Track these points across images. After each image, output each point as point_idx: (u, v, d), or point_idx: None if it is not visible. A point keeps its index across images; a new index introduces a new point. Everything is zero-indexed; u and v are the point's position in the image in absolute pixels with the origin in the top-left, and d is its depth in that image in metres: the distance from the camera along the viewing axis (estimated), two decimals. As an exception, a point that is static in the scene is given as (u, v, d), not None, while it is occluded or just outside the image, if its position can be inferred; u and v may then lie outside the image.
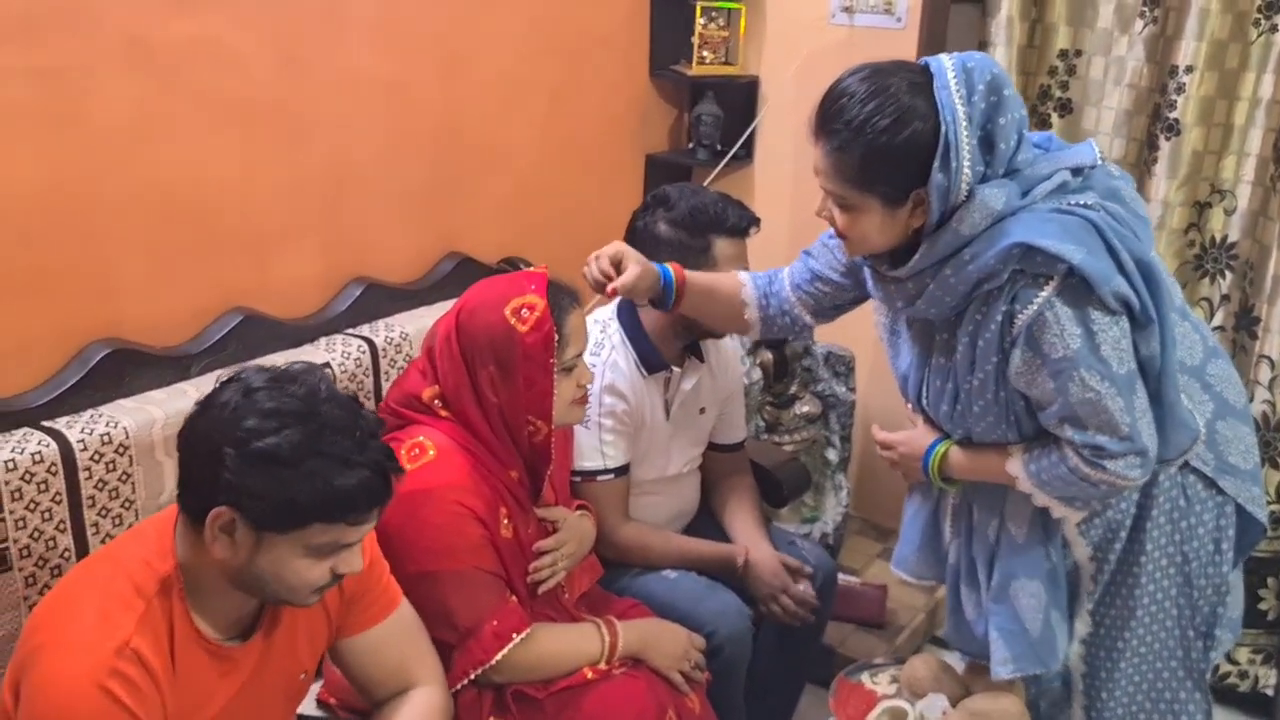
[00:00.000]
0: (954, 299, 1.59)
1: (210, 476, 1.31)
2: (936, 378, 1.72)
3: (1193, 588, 1.77)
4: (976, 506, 1.81)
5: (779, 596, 2.18)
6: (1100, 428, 1.56)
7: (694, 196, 2.19)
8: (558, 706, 1.81)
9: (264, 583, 1.38)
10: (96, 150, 1.91)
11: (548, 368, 1.77)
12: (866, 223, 1.58)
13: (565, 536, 1.93)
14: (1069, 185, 1.57)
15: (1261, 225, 2.47)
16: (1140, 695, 1.81)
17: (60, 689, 1.28)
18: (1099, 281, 1.49)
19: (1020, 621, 1.75)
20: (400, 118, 2.43)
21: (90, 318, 1.94)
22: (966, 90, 1.50)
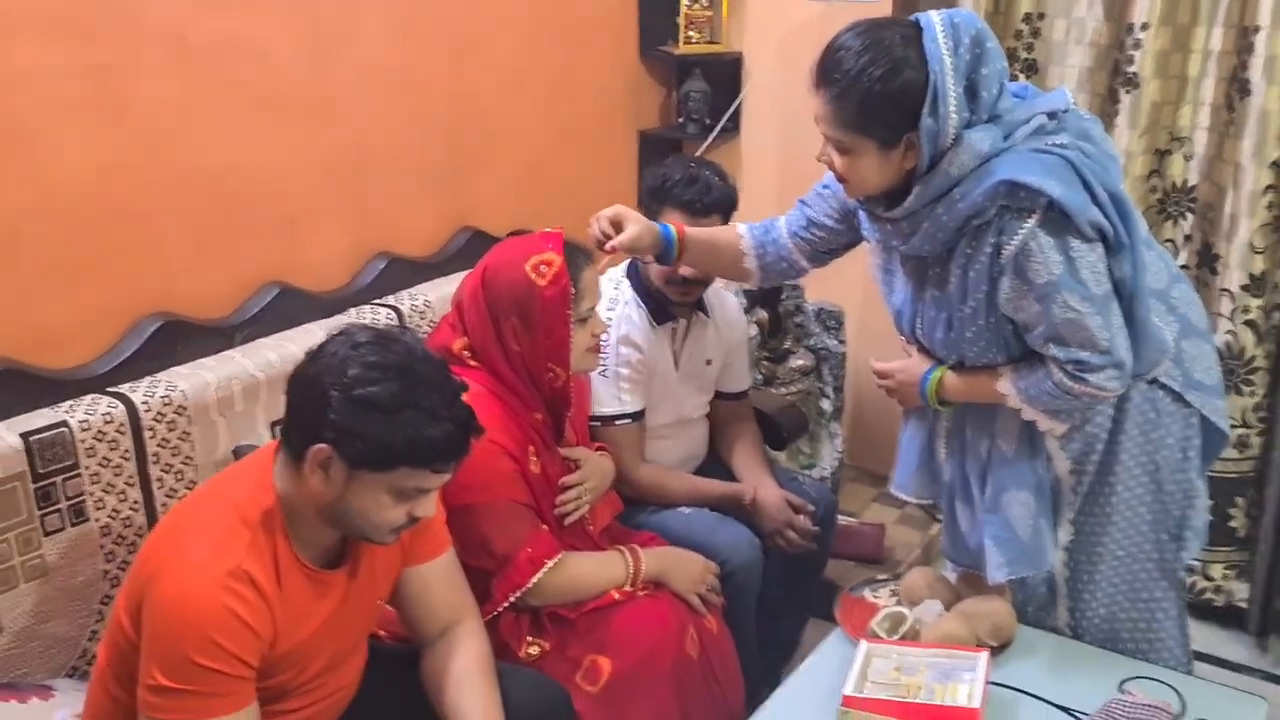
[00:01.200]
0: (946, 235, 1.75)
1: (315, 416, 1.46)
2: (930, 309, 1.88)
3: (1163, 493, 1.93)
4: (969, 427, 1.97)
5: (784, 530, 2.36)
6: (1082, 344, 1.72)
7: (671, 166, 2.34)
8: (589, 625, 1.99)
9: (350, 518, 1.52)
10: (143, 140, 2.08)
11: (565, 319, 1.94)
12: (864, 165, 1.74)
13: (587, 472, 2.11)
14: (1046, 128, 1.73)
15: (1217, 169, 2.65)
16: (1119, 595, 1.99)
17: (186, 604, 1.43)
18: (1076, 212, 1.66)
19: (1012, 529, 1.91)
20: (415, 103, 2.61)
21: (143, 294, 2.12)
22: (953, 43, 1.66)
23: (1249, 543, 2.77)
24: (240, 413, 2.09)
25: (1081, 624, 2.02)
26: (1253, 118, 2.53)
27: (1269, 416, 2.68)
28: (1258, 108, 2.51)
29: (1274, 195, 2.55)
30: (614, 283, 2.36)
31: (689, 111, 3.37)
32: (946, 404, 1.96)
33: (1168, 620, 2.00)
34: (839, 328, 3.23)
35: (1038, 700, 1.84)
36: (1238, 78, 2.56)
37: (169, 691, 1.42)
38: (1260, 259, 2.59)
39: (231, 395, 2.08)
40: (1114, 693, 1.82)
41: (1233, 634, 2.85)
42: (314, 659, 1.60)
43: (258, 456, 1.63)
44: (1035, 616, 2.06)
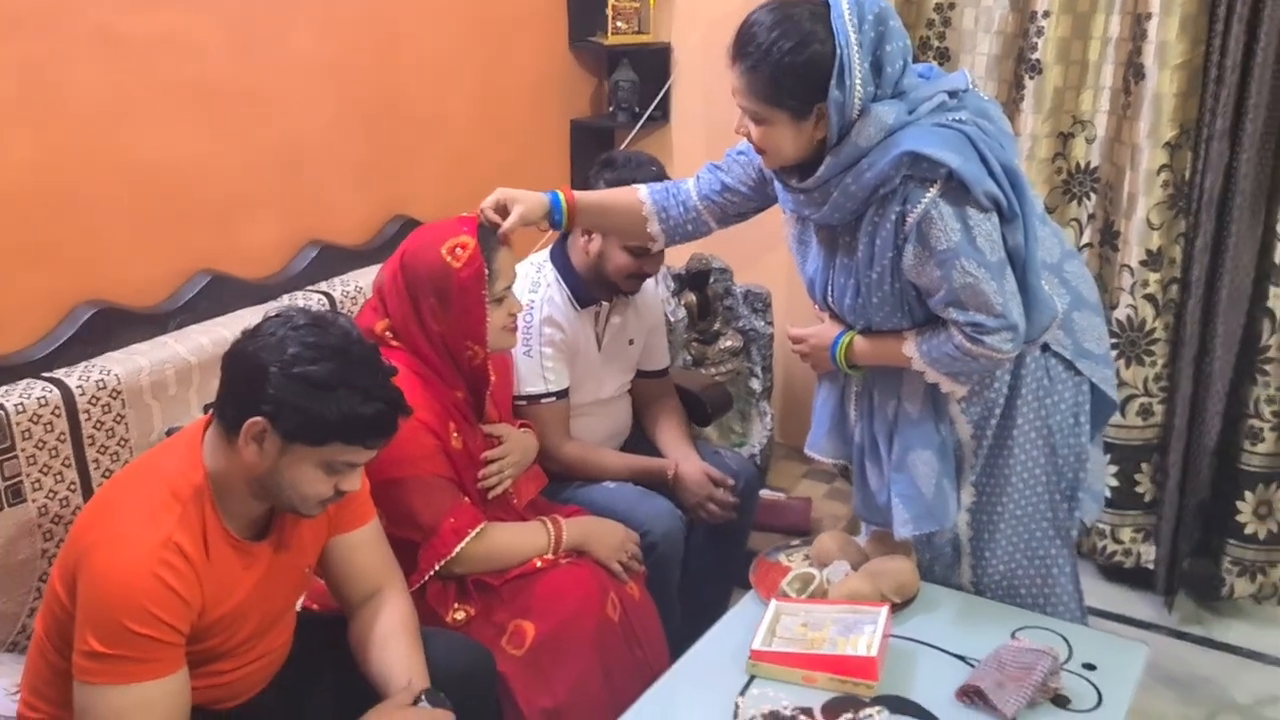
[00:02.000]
0: (854, 204, 1.85)
1: (253, 391, 1.54)
2: (840, 275, 1.98)
3: (1057, 456, 2.05)
4: (877, 390, 2.08)
5: (705, 503, 2.47)
6: (978, 308, 1.83)
7: (634, 169, 2.40)
8: (513, 592, 2.09)
9: (280, 490, 1.60)
10: (78, 133, 2.15)
11: (480, 299, 2.03)
12: (778, 135, 1.83)
13: (509, 448, 2.20)
14: (947, 105, 1.84)
15: (1117, 150, 2.79)
16: (1017, 553, 2.11)
17: (120, 574, 1.50)
18: (973, 183, 1.77)
19: (917, 487, 2.02)
20: (345, 95, 2.68)
21: (78, 282, 2.19)
22: (858, 20, 1.76)
23: (1155, 506, 2.91)
24: (173, 396, 2.16)
25: (983, 580, 2.14)
26: (1147, 101, 2.66)
27: (1169, 386, 2.82)
28: (1152, 91, 2.65)
29: (1168, 174, 2.68)
30: (536, 266, 2.46)
31: (619, 101, 3.47)
32: (856, 368, 2.06)
33: (1062, 576, 2.12)
34: (766, 309, 3.34)
35: (935, 650, 1.96)
36: (1133, 63, 2.69)
37: (103, 657, 1.49)
38: (1157, 235, 2.72)
39: (165, 379, 2.15)
40: (1005, 640, 1.94)
41: (1141, 594, 2.99)
42: (242, 625, 1.68)
43: (186, 434, 1.70)
44: (942, 575, 2.18)
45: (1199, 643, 2.84)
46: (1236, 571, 2.84)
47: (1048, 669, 1.82)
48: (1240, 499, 2.79)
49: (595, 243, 2.37)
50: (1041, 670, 1.82)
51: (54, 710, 1.65)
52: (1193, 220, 2.68)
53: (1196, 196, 2.66)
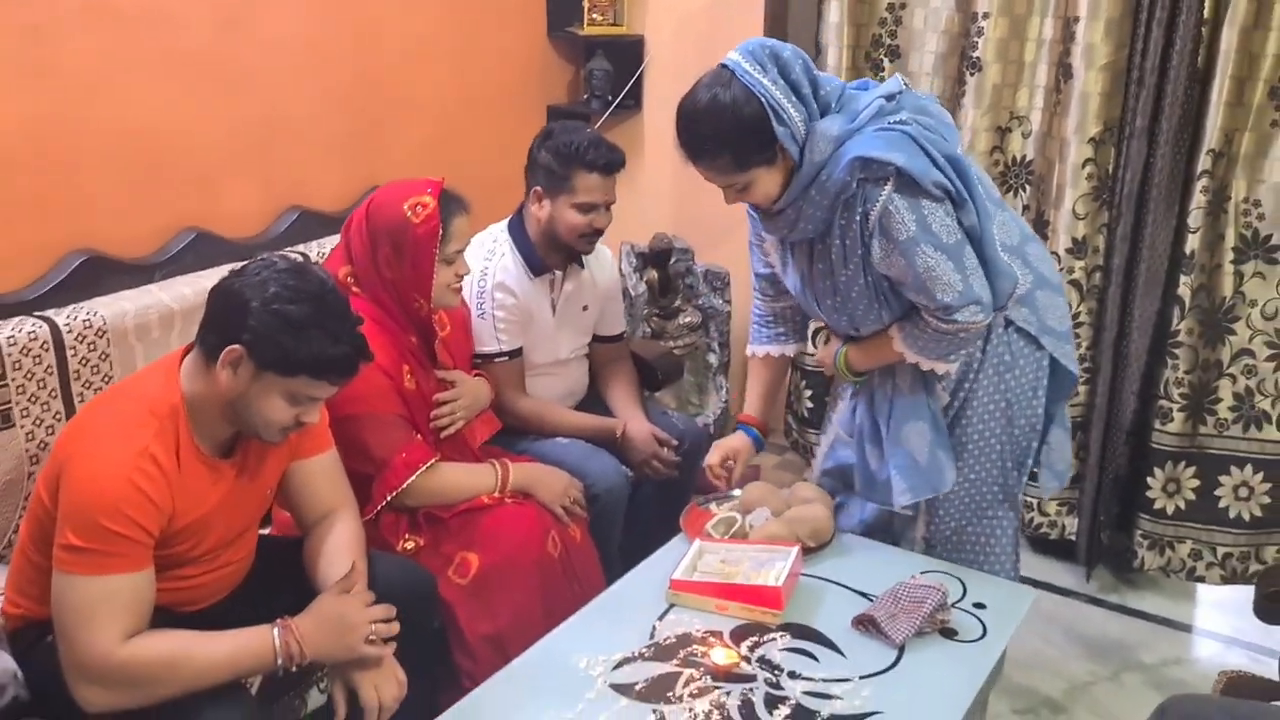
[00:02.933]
0: (823, 213, 2.03)
1: (235, 321, 1.72)
2: (819, 281, 2.16)
3: (1014, 426, 2.22)
4: (876, 375, 2.25)
5: (650, 460, 2.66)
6: (943, 289, 1.99)
7: (571, 134, 2.57)
8: (460, 525, 2.28)
9: (248, 414, 1.78)
10: (69, 96, 2.34)
11: (430, 255, 2.22)
12: (761, 186, 2.02)
13: (460, 391, 2.39)
14: (885, 109, 2.02)
15: (1048, 144, 2.97)
16: (967, 511, 2.28)
17: (98, 478, 1.68)
18: (920, 176, 1.94)
19: (913, 457, 2.19)
20: (325, 72, 2.88)
21: (70, 232, 2.38)
22: (759, 66, 1.95)
23: (1078, 481, 3.08)
24: (156, 339, 2.35)
25: (935, 538, 2.31)
26: (1075, 99, 2.85)
27: (1091, 367, 3.00)
28: (1079, 90, 2.83)
29: (1093, 168, 2.87)
30: (493, 236, 2.64)
31: (594, 88, 3.65)
32: (860, 374, 2.25)
33: (1004, 537, 2.30)
34: (725, 288, 3.53)
35: (841, 587, 2.15)
36: (1064, 63, 2.88)
37: (79, 550, 1.67)
38: (1082, 224, 2.91)
39: (149, 323, 2.34)
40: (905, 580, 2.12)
41: (1064, 564, 3.18)
42: (207, 535, 1.86)
43: (165, 360, 1.88)
44: (900, 530, 2.35)
45: (1114, 609, 3.03)
46: (1147, 545, 3.02)
47: (937, 603, 2.01)
48: (1151, 475, 2.97)
49: (545, 208, 2.56)
50: (931, 604, 2.01)
51: (34, 605, 1.83)
52: (1115, 212, 2.87)
53: (1118, 189, 2.85)
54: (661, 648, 1.96)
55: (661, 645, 1.96)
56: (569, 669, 1.91)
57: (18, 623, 1.87)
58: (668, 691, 1.84)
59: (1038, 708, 2.64)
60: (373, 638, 1.79)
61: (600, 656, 1.93)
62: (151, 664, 1.67)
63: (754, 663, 1.92)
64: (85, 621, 1.66)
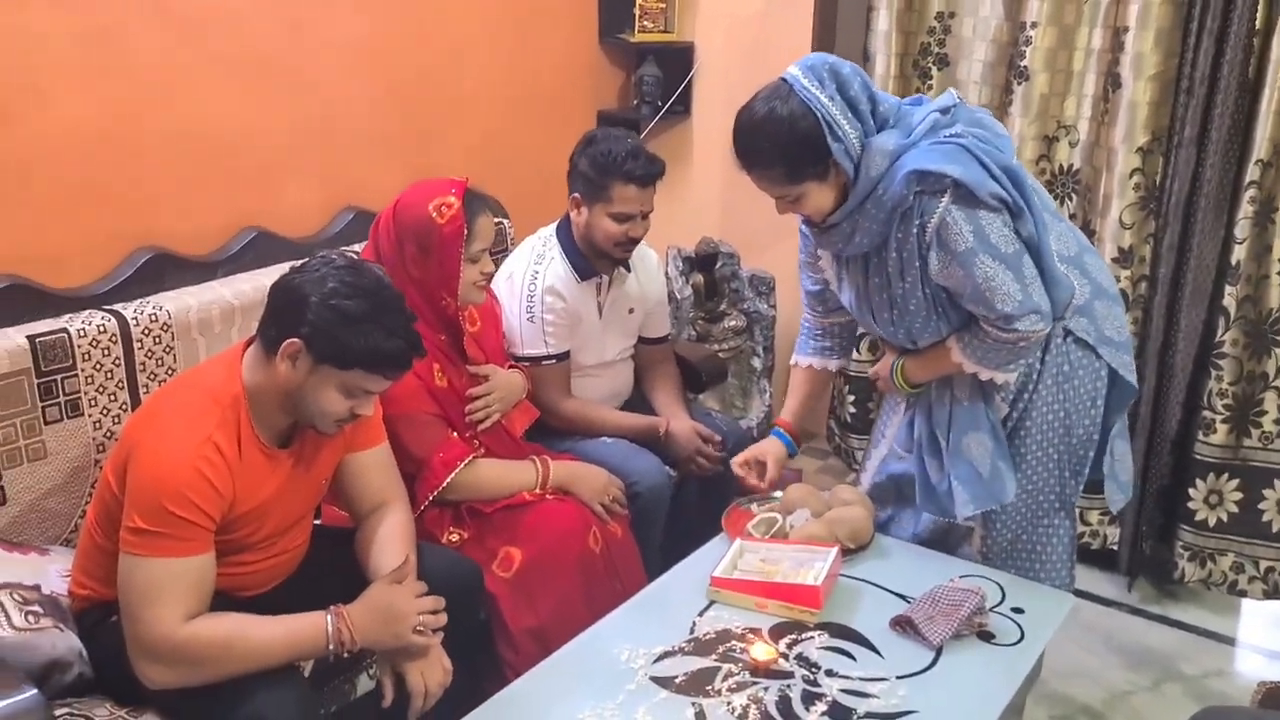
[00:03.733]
0: (879, 226, 2.06)
1: (294, 315, 1.79)
2: (875, 294, 2.18)
3: (1072, 435, 2.23)
4: (934, 385, 2.26)
5: (694, 457, 2.70)
6: (1003, 300, 2.01)
7: (611, 142, 2.60)
8: (503, 520, 2.34)
9: (305, 405, 1.85)
10: (137, 96, 2.43)
11: (456, 254, 2.27)
12: (813, 199, 2.06)
13: (493, 385, 2.45)
14: (940, 123, 2.05)
15: (1096, 154, 2.98)
16: (1024, 521, 2.29)
17: (164, 465, 1.76)
18: (977, 187, 1.97)
19: (974, 469, 2.20)
20: (381, 73, 2.95)
21: (138, 229, 2.47)
22: (818, 81, 1.99)
23: (1120, 491, 3.08)
24: (218, 333, 2.42)
25: (991, 548, 2.32)
26: (1123, 108, 2.85)
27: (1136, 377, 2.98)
28: (1127, 99, 2.84)
29: (1140, 178, 2.87)
30: (543, 240, 2.70)
31: (644, 94, 3.70)
32: (918, 386, 2.27)
33: (1060, 545, 2.31)
34: (770, 293, 3.56)
35: (880, 589, 2.18)
36: (1112, 72, 2.89)
37: (145, 533, 1.75)
38: (1128, 234, 2.91)
39: (211, 318, 2.41)
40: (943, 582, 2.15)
41: (1106, 574, 3.18)
42: (265, 522, 1.94)
43: (228, 353, 1.96)
44: (955, 543, 2.37)
45: (1155, 620, 3.03)
46: (1188, 556, 3.01)
47: (975, 606, 2.04)
48: (1193, 487, 2.97)
49: (583, 215, 2.61)
50: (969, 607, 2.03)
51: (99, 587, 1.92)
52: (1161, 221, 2.87)
53: (1165, 199, 2.85)
54: (701, 643, 2.00)
55: (701, 640, 2.01)
56: (610, 660, 1.96)
57: (84, 603, 1.95)
58: (707, 685, 1.88)
59: (1075, 715, 2.65)
60: (420, 628, 1.86)
61: (641, 650, 1.97)
62: (210, 644, 1.75)
63: (792, 660, 1.95)
64: (149, 602, 1.73)
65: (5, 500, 2.13)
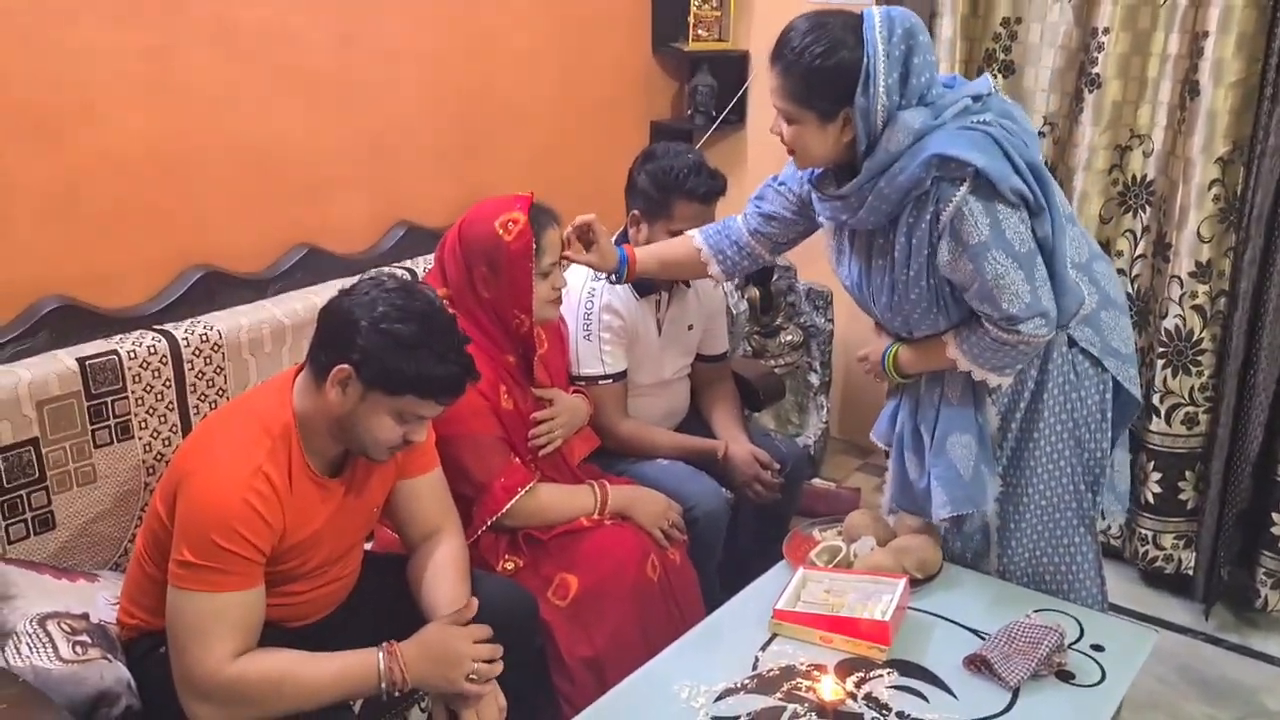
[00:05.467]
0: (889, 206, 1.96)
1: (344, 340, 1.74)
2: (876, 276, 2.09)
3: (1083, 448, 2.15)
4: (924, 380, 2.19)
5: (751, 482, 2.62)
6: (1010, 298, 1.93)
7: (673, 157, 2.54)
8: (559, 547, 2.27)
9: (356, 432, 1.79)
10: (190, 112, 2.39)
11: (527, 271, 2.22)
12: (807, 135, 1.96)
13: (558, 409, 2.38)
14: (970, 108, 1.95)
15: (1171, 164, 2.86)
16: (1042, 541, 2.20)
17: (213, 497, 1.71)
18: (999, 180, 1.88)
19: (955, 470, 2.13)
20: (435, 87, 2.90)
21: (189, 247, 2.43)
22: (889, 32, 1.88)
23: (1196, 514, 2.96)
24: (269, 353, 2.38)
25: (1009, 568, 2.24)
26: (1201, 117, 2.73)
27: (1214, 396, 2.88)
28: (1206, 108, 2.72)
29: (1220, 189, 2.75)
30: None
31: (697, 104, 3.63)
32: (907, 377, 2.19)
33: (1085, 563, 2.22)
34: (827, 307, 3.47)
35: (951, 623, 2.09)
36: (1190, 79, 2.77)
37: (194, 566, 1.70)
38: (1207, 248, 2.79)
39: (262, 338, 2.38)
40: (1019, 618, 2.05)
41: (1180, 600, 3.05)
42: (316, 552, 1.88)
43: (278, 379, 1.91)
44: (973, 562, 2.28)
45: (1234, 650, 2.89)
46: (1270, 584, 2.88)
47: (1054, 644, 1.94)
48: (1276, 510, 2.84)
49: (643, 232, 2.54)
50: (1048, 645, 1.93)
51: (148, 617, 1.87)
52: (1242, 234, 2.74)
53: (1247, 211, 2.72)
54: (765, 679, 1.92)
55: (765, 677, 1.92)
56: (669, 697, 1.88)
57: (132, 633, 1.91)
58: (771, 726, 1.80)
59: (1153, 752, 2.54)
60: (473, 676, 1.79)
61: (702, 686, 1.90)
62: (259, 683, 1.70)
63: (860, 700, 1.87)
64: (197, 638, 1.69)
65: (55, 525, 2.10)
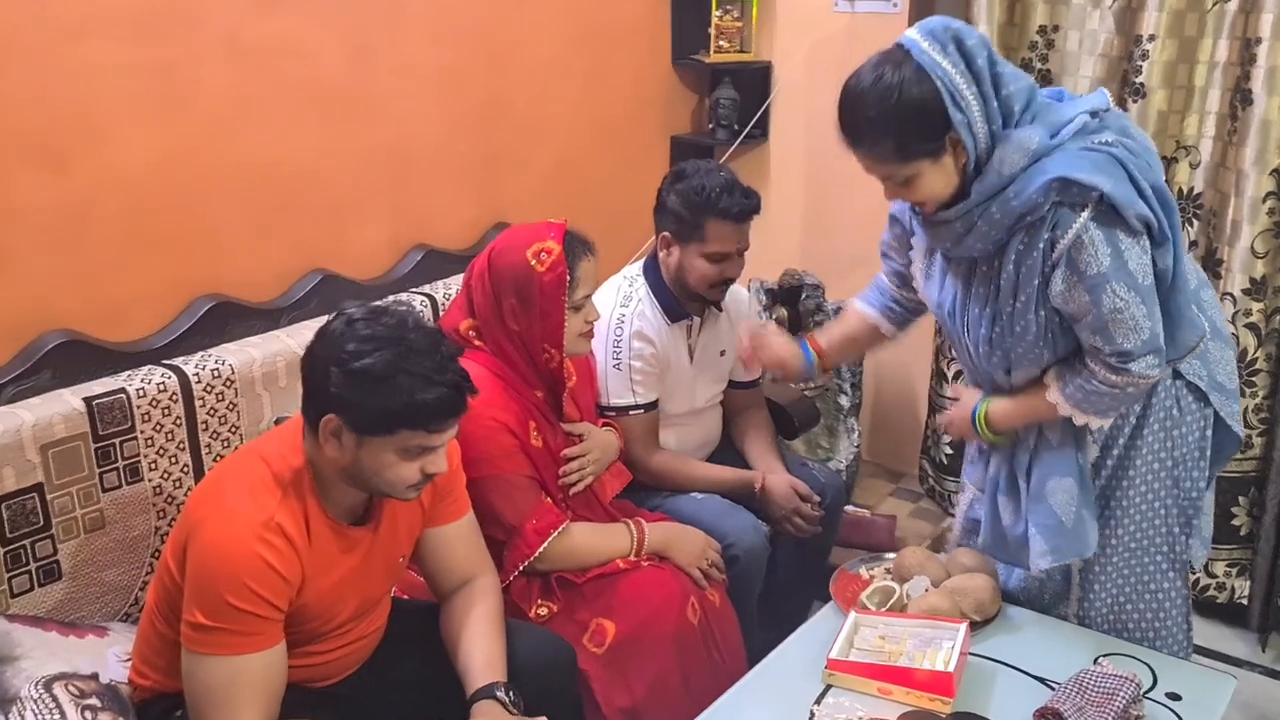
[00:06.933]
0: (999, 231, 1.83)
1: (321, 389, 1.61)
2: (975, 305, 1.95)
3: (1179, 488, 2.01)
4: None
5: (791, 516, 2.49)
6: (1126, 334, 1.79)
7: (704, 176, 2.40)
8: (595, 590, 2.14)
9: (368, 478, 1.66)
10: (200, 133, 2.27)
11: (560, 304, 2.09)
12: (928, 182, 1.82)
13: (589, 445, 2.25)
14: (1089, 126, 1.81)
15: (1221, 176, 2.74)
16: (1127, 586, 2.06)
17: (224, 551, 1.59)
18: (1125, 206, 1.74)
19: (1056, 516, 1.98)
20: (453, 102, 2.78)
21: (198, 275, 2.31)
22: (940, 46, 1.75)
23: (1251, 540, 2.84)
24: (283, 387, 2.26)
25: (1089, 614, 2.10)
26: (1254, 127, 2.61)
27: (1270, 418, 2.76)
28: (1259, 117, 2.60)
29: (1275, 202, 2.63)
30: (629, 280, 2.51)
31: (719, 118, 3.51)
32: (1000, 434, 2.04)
33: (1175, 610, 2.08)
34: (858, 326, 3.34)
35: (1014, 670, 1.96)
36: (1241, 88, 2.65)
37: (206, 629, 1.58)
38: (1261, 263, 2.67)
39: (276, 371, 2.25)
40: (1088, 665, 1.92)
41: (1235, 630, 2.92)
42: (341, 608, 1.76)
43: (290, 424, 1.78)
44: (1050, 604, 2.14)
45: (1294, 683, 2.77)
46: (1333, 613, 2.76)
47: (1130, 695, 1.81)
48: (1338, 536, 2.72)
49: (674, 255, 2.42)
50: (1124, 697, 1.80)
51: (162, 678, 1.75)
52: (1300, 249, 2.63)
53: (1305, 225, 2.61)
54: (823, 737, 1.79)
55: (822, 734, 1.80)
56: (722, 758, 1.76)
57: (146, 694, 1.79)
58: (834, 791, 1.68)
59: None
60: None
61: (756, 744, 1.77)
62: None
63: (927, 758, 1.74)
64: (215, 705, 1.58)
65: (61, 576, 1.98)
